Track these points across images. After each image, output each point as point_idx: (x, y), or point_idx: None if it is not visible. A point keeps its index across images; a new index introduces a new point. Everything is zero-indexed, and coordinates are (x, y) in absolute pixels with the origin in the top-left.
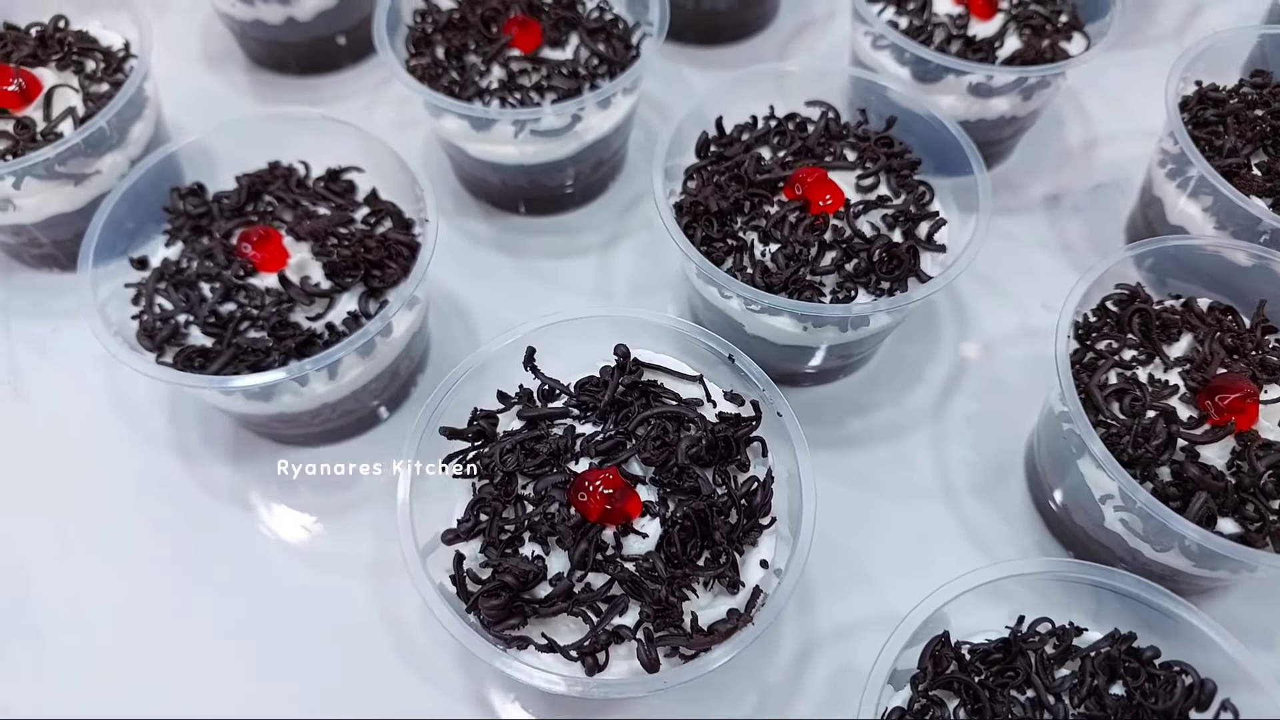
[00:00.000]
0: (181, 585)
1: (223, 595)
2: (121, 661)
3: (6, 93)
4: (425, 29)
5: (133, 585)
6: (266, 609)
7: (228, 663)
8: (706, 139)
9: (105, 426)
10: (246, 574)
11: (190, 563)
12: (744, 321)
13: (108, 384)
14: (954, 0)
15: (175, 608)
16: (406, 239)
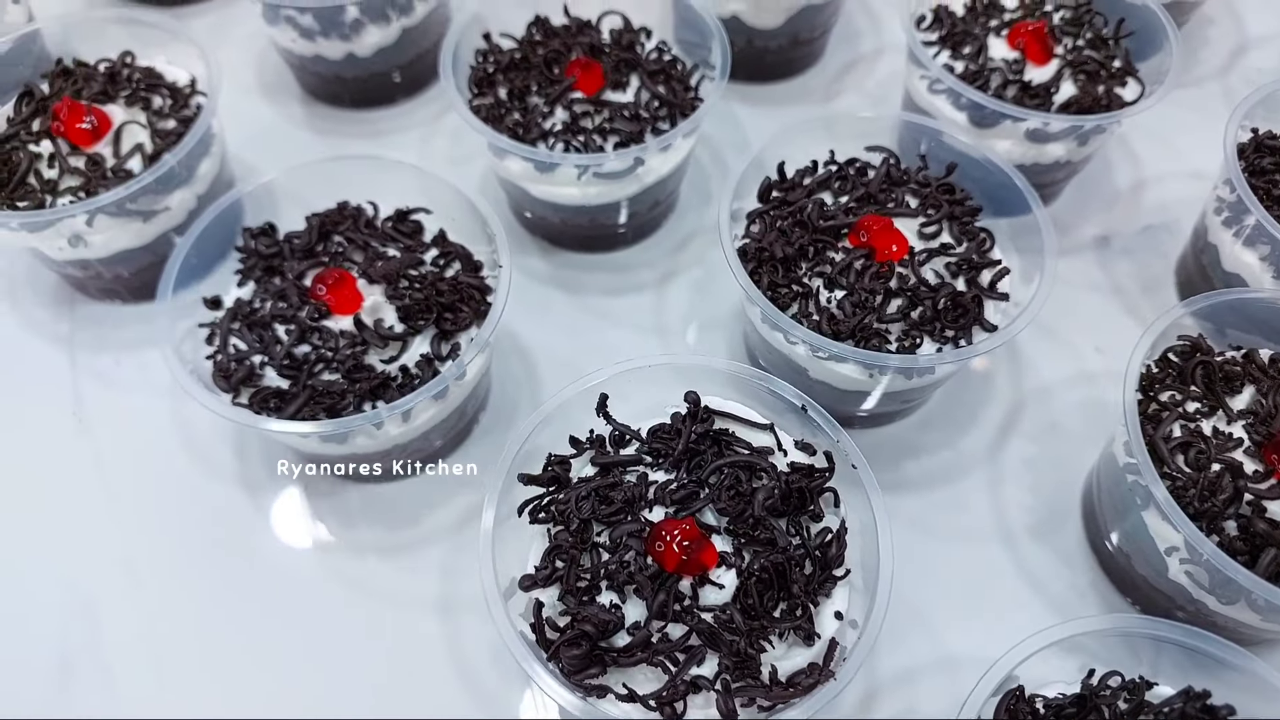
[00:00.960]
0: (249, 620)
1: (290, 630)
2: (192, 696)
3: (79, 130)
4: (487, 69)
5: (200, 619)
6: (335, 645)
7: (298, 699)
8: (769, 184)
9: (171, 459)
10: (314, 610)
11: (258, 597)
12: (808, 367)
13: (173, 416)
14: (1009, 45)
15: (244, 643)
16: (477, 282)
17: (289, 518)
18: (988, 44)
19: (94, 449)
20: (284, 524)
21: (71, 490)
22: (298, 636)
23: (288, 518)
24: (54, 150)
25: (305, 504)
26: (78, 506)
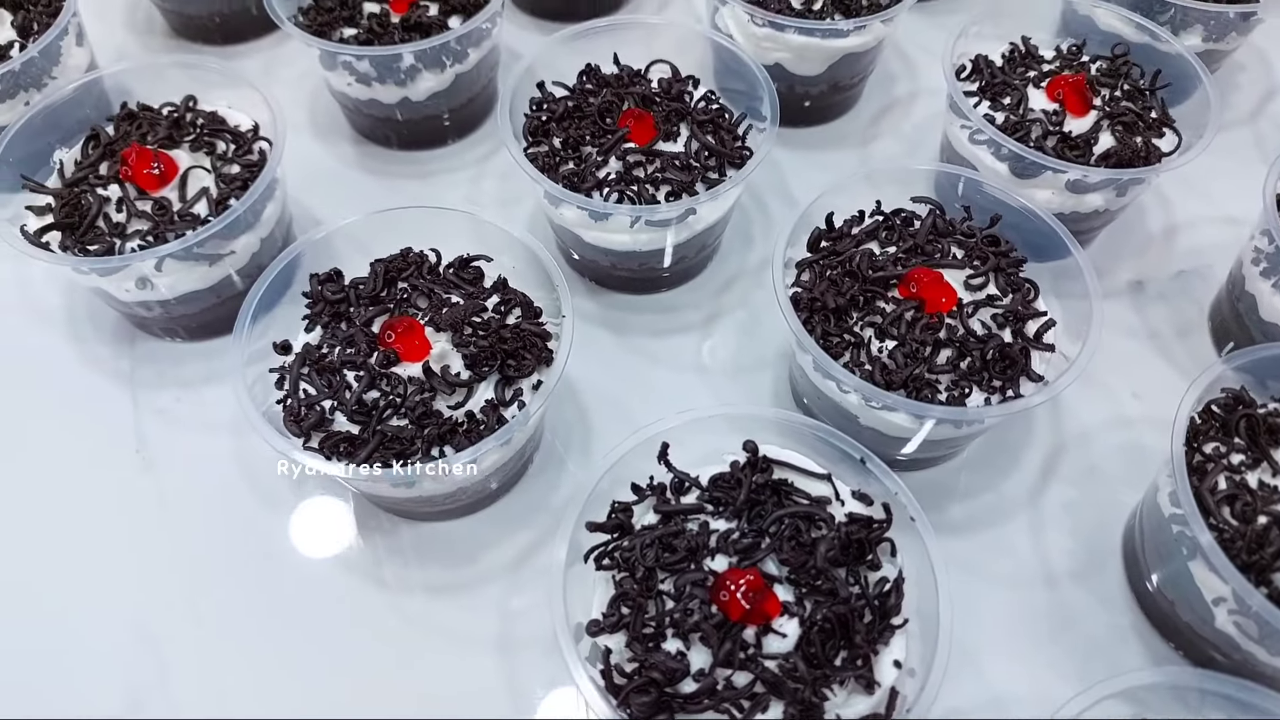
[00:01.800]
0: (311, 658)
1: (353, 668)
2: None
3: (147, 175)
4: (541, 118)
5: (265, 658)
6: (396, 683)
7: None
8: (819, 234)
9: (234, 498)
10: (377, 649)
11: (320, 636)
12: (859, 414)
13: (235, 454)
14: (1048, 96)
15: (306, 681)
16: (538, 330)
17: (350, 557)
18: (1027, 95)
19: (157, 487)
20: (345, 563)
21: (136, 528)
22: (360, 675)
23: (349, 557)
24: (122, 195)
25: (366, 544)
26: (142, 544)
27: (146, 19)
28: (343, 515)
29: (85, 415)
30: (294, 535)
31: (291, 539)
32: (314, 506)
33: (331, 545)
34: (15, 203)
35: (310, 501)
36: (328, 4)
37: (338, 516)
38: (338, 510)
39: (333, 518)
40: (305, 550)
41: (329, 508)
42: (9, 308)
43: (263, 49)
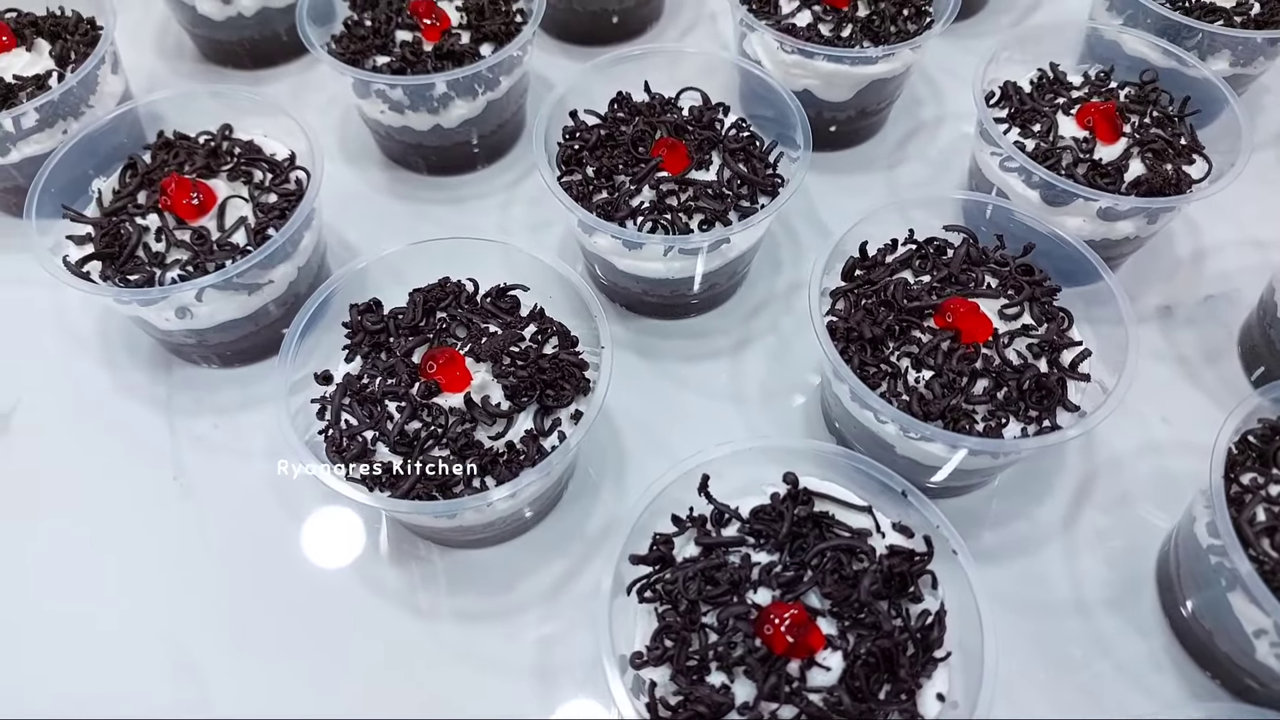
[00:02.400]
0: (351, 684)
1: (394, 695)
2: None
3: (187, 205)
4: (574, 146)
5: (304, 683)
6: (434, 711)
7: None
8: (853, 263)
9: (270, 524)
10: (415, 675)
11: (359, 662)
12: (895, 444)
13: (271, 481)
14: (1078, 123)
15: (347, 708)
16: (576, 360)
17: (389, 583)
18: (1057, 122)
19: (195, 513)
20: (382, 591)
21: (175, 554)
22: (398, 703)
23: (388, 583)
24: (161, 224)
25: (402, 571)
26: (181, 570)
27: (176, 44)
28: (378, 543)
29: (123, 441)
30: (330, 563)
31: (328, 567)
32: (350, 535)
33: (367, 573)
34: (55, 230)
35: (346, 530)
36: (360, 32)
37: (373, 545)
38: (373, 539)
39: (368, 546)
40: (341, 578)
41: (364, 536)
42: (45, 333)
43: (291, 73)
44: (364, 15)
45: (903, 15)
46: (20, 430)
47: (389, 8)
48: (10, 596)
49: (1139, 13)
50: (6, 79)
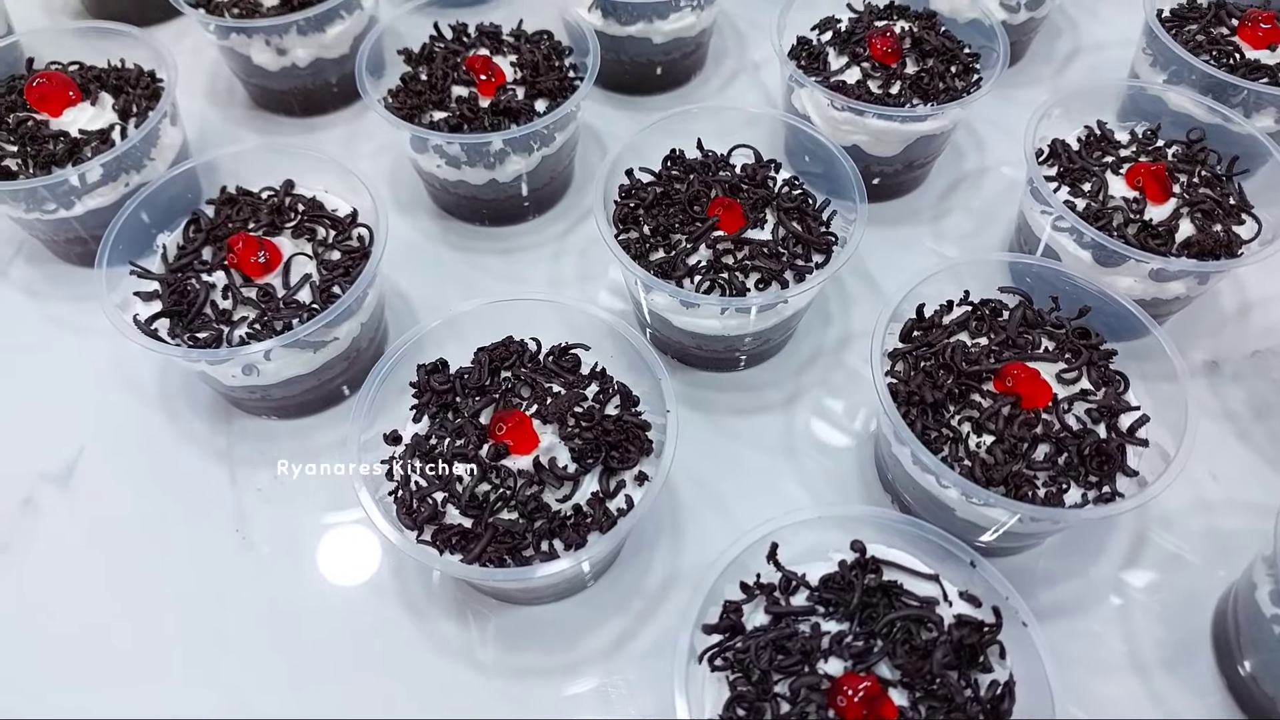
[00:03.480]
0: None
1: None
2: None
3: (254, 263)
4: (629, 205)
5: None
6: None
7: None
8: (911, 325)
9: (334, 579)
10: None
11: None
12: (956, 507)
13: (333, 534)
14: (1128, 183)
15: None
16: (639, 421)
17: (451, 640)
18: (1107, 181)
19: (258, 566)
20: (444, 648)
21: (239, 608)
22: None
23: (450, 640)
24: (228, 282)
25: (463, 628)
26: (245, 624)
27: (228, 90)
28: (440, 599)
29: (185, 492)
30: (391, 618)
31: (389, 622)
32: (414, 588)
33: (427, 629)
34: (122, 285)
35: (410, 584)
36: (416, 86)
37: (433, 599)
38: (434, 593)
39: (428, 601)
40: (402, 632)
41: (423, 590)
42: (106, 382)
43: (342, 121)
44: (419, 69)
45: (950, 72)
46: (84, 480)
47: (445, 63)
48: (74, 648)
49: (1183, 69)
50: (72, 133)
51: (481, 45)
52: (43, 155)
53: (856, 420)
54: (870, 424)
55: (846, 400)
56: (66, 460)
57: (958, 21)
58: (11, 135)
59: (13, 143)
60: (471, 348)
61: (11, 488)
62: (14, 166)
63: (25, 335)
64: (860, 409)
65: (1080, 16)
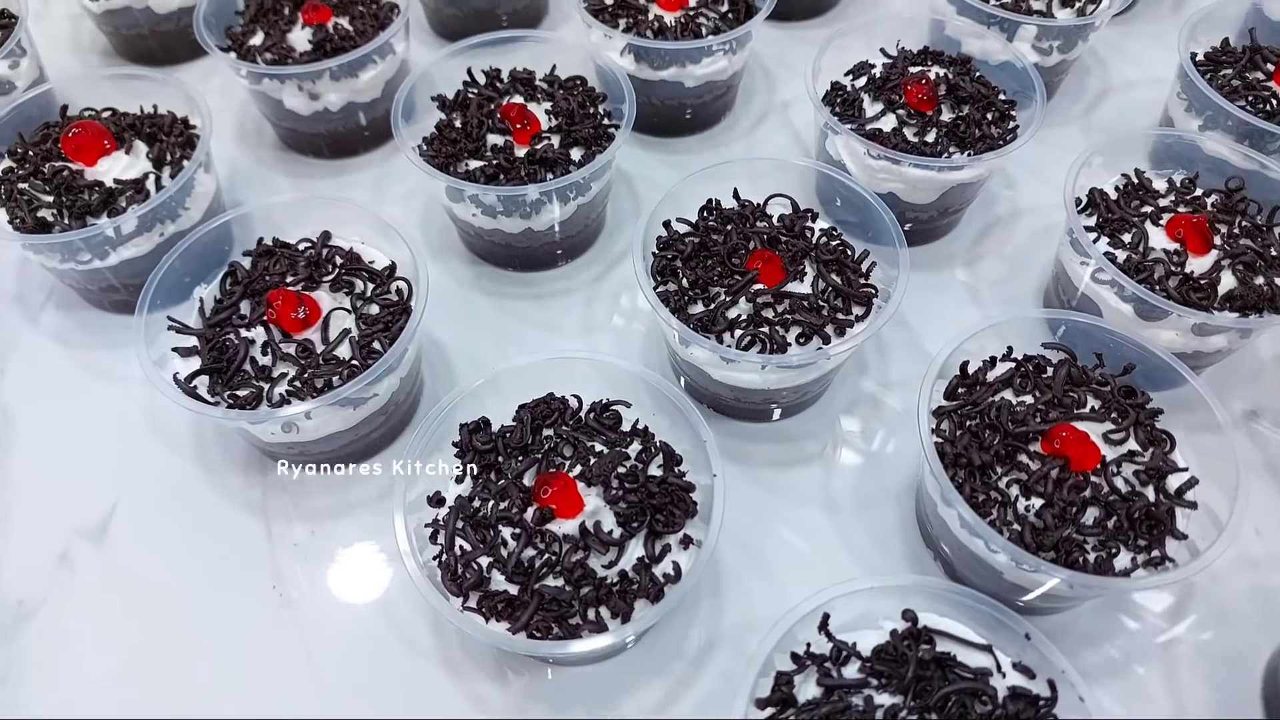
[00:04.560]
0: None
1: None
2: None
3: (294, 319)
4: (668, 257)
5: None
6: None
7: None
8: (956, 382)
9: (373, 634)
10: None
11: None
12: (1004, 571)
13: (371, 590)
14: (1168, 235)
15: None
16: (683, 483)
17: (491, 699)
18: (1147, 233)
19: (297, 623)
20: (486, 705)
21: (278, 666)
22: None
23: (490, 699)
24: (267, 338)
25: (504, 689)
26: (285, 682)
27: (257, 131)
28: (479, 659)
29: (221, 547)
30: (432, 675)
31: (431, 679)
32: (453, 647)
33: (468, 687)
34: (160, 339)
35: (449, 642)
36: (451, 135)
37: (474, 659)
38: (474, 653)
39: (468, 659)
40: (441, 690)
41: (462, 648)
42: (138, 432)
43: (372, 163)
44: (453, 116)
45: (986, 119)
46: (119, 534)
47: (479, 111)
48: (111, 706)
49: (1218, 114)
50: (107, 183)
51: (515, 91)
52: (78, 205)
53: (896, 471)
54: (910, 473)
55: (885, 450)
56: (101, 514)
57: (989, 63)
58: (47, 185)
59: (48, 192)
60: (510, 402)
61: (47, 543)
62: (49, 217)
63: (58, 384)
64: (900, 462)
65: (1109, 55)
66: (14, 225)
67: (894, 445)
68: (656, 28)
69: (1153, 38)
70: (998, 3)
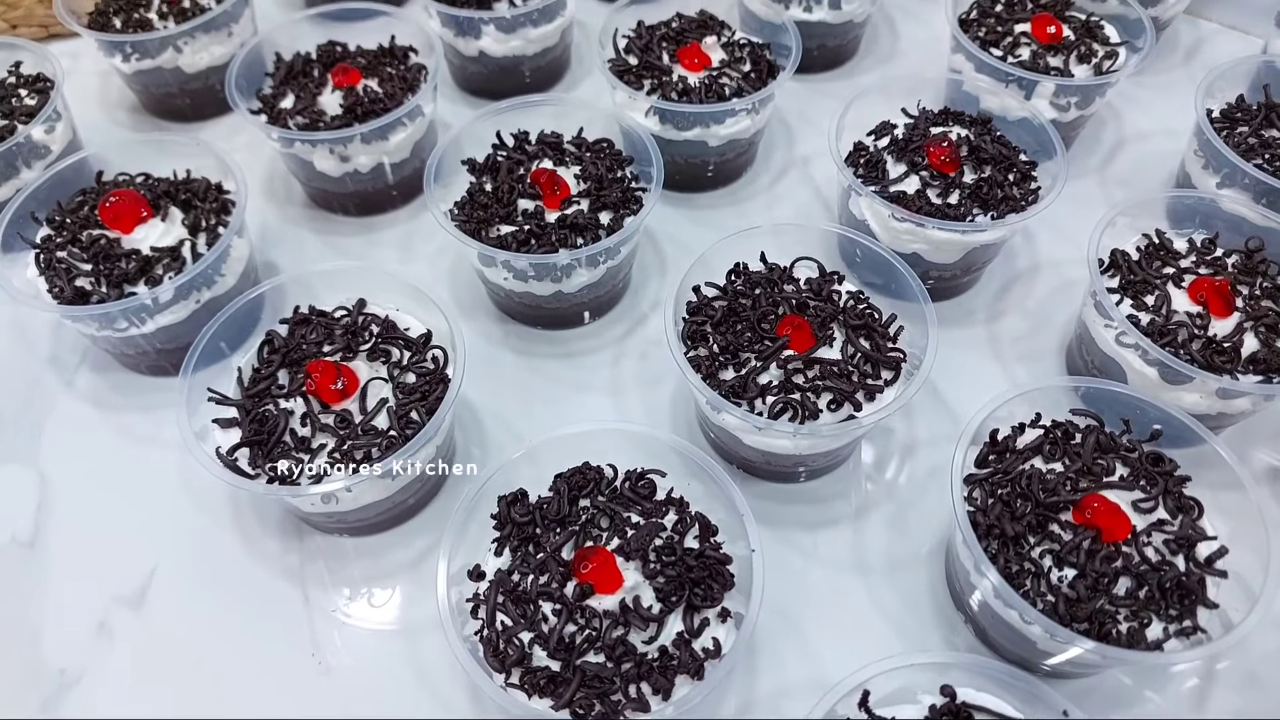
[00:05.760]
0: None
1: None
2: None
3: (332, 390)
4: (698, 322)
5: None
6: None
7: None
8: (986, 450)
9: (411, 706)
10: None
11: None
12: (1038, 641)
13: (410, 658)
14: (1191, 299)
15: None
16: (720, 555)
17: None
18: (1169, 295)
19: (337, 692)
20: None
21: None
22: None
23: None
24: (306, 409)
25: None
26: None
27: (285, 189)
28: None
29: (259, 614)
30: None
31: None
32: (491, 713)
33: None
34: (201, 410)
35: (486, 709)
36: (483, 200)
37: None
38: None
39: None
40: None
41: (497, 716)
42: (175, 497)
43: (400, 220)
44: (484, 180)
45: (1008, 180)
46: (157, 601)
47: (510, 175)
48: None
49: (1235, 172)
50: (144, 250)
51: (544, 155)
52: (115, 274)
53: (925, 531)
54: (939, 534)
55: (913, 511)
56: (140, 581)
57: (1008, 119)
58: (85, 252)
59: (86, 260)
60: (545, 469)
61: (86, 612)
62: (87, 285)
63: (94, 448)
64: (928, 519)
65: (1124, 106)
66: (53, 294)
67: (922, 506)
68: (680, 89)
69: (1165, 88)
70: (1015, 60)
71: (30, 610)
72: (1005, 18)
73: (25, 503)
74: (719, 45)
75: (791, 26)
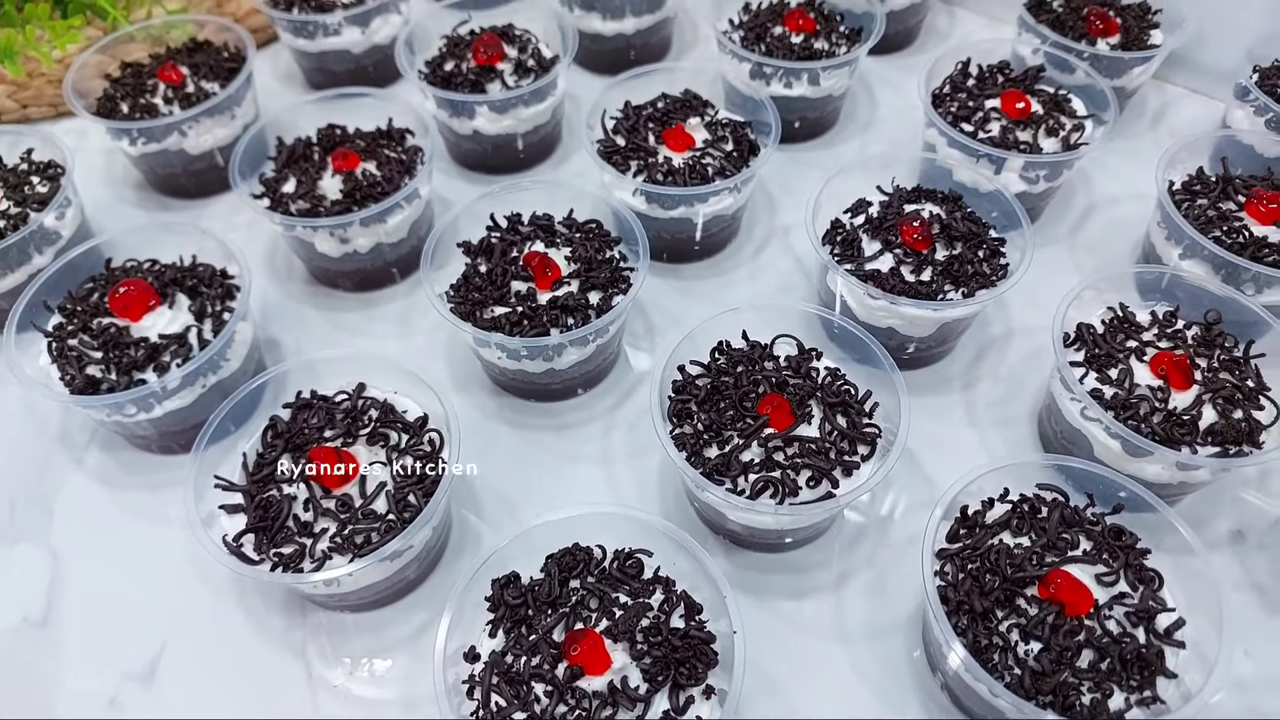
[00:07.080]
0: None
1: None
2: None
3: (333, 476)
4: (683, 400)
5: None
6: None
7: None
8: (957, 525)
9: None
10: None
11: None
12: (1005, 710)
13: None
14: (1153, 372)
15: None
16: (704, 634)
17: None
18: (1132, 369)
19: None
20: None
21: None
22: None
23: None
24: (309, 495)
25: None
26: None
27: (286, 266)
28: None
29: (266, 690)
30: None
31: None
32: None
33: None
34: (208, 496)
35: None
36: (477, 281)
37: None
38: None
39: None
40: None
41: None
42: (182, 574)
43: (398, 295)
44: (479, 262)
45: (978, 257)
46: (166, 677)
47: (503, 259)
48: None
49: (1195, 244)
50: (152, 338)
51: (536, 237)
52: (125, 361)
53: (904, 598)
54: (916, 601)
55: (891, 578)
56: (149, 657)
57: (979, 191)
58: (96, 340)
59: (96, 349)
60: (536, 548)
61: (98, 688)
62: (97, 373)
63: (104, 525)
64: (906, 586)
65: (1094, 171)
66: (64, 380)
67: (900, 572)
68: (665, 170)
69: (1133, 153)
70: (986, 136)
71: (44, 687)
72: (976, 93)
73: (37, 582)
74: (702, 125)
75: (770, 105)
